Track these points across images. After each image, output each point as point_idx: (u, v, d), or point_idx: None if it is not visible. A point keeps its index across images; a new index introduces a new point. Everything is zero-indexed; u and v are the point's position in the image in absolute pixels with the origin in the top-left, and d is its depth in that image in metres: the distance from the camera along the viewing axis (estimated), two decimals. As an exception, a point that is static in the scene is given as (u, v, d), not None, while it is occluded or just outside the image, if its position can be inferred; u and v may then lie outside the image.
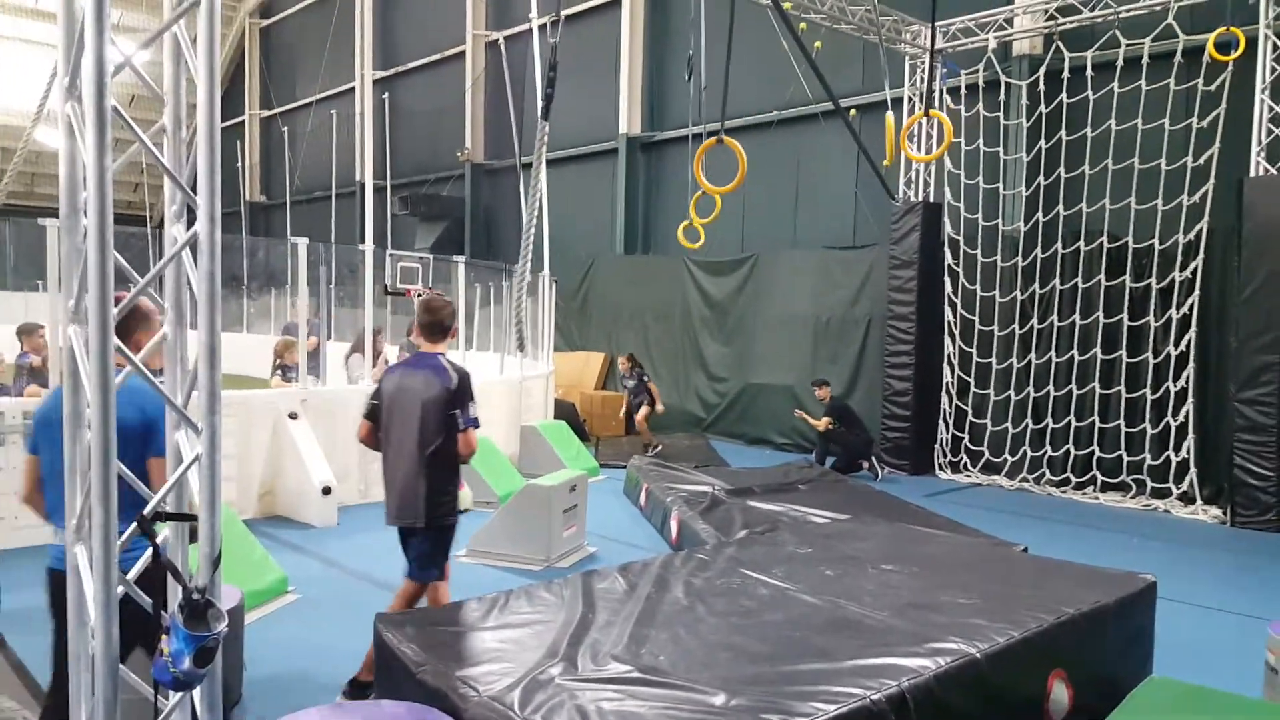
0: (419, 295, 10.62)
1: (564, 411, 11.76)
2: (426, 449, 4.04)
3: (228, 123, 29.16)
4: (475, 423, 4.11)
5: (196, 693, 2.25)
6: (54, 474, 2.61)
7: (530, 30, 12.08)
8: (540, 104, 8.81)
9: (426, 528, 4.08)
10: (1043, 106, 9.96)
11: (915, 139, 10.97)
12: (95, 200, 1.97)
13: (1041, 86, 9.95)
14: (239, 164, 25.51)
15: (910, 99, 11.11)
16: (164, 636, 2.09)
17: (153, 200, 28.07)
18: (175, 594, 2.22)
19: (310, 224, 21.16)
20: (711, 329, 13.68)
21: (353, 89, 21.11)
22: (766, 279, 12.85)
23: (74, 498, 2.22)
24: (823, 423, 10.41)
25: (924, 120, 9.69)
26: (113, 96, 1.97)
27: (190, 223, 2.24)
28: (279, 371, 9.19)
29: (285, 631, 5.05)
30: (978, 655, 3.20)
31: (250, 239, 22.31)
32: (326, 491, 7.20)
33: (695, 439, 12.73)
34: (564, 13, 14.24)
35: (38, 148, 24.85)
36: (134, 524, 2.13)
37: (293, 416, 7.59)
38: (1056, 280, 9.89)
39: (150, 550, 2.13)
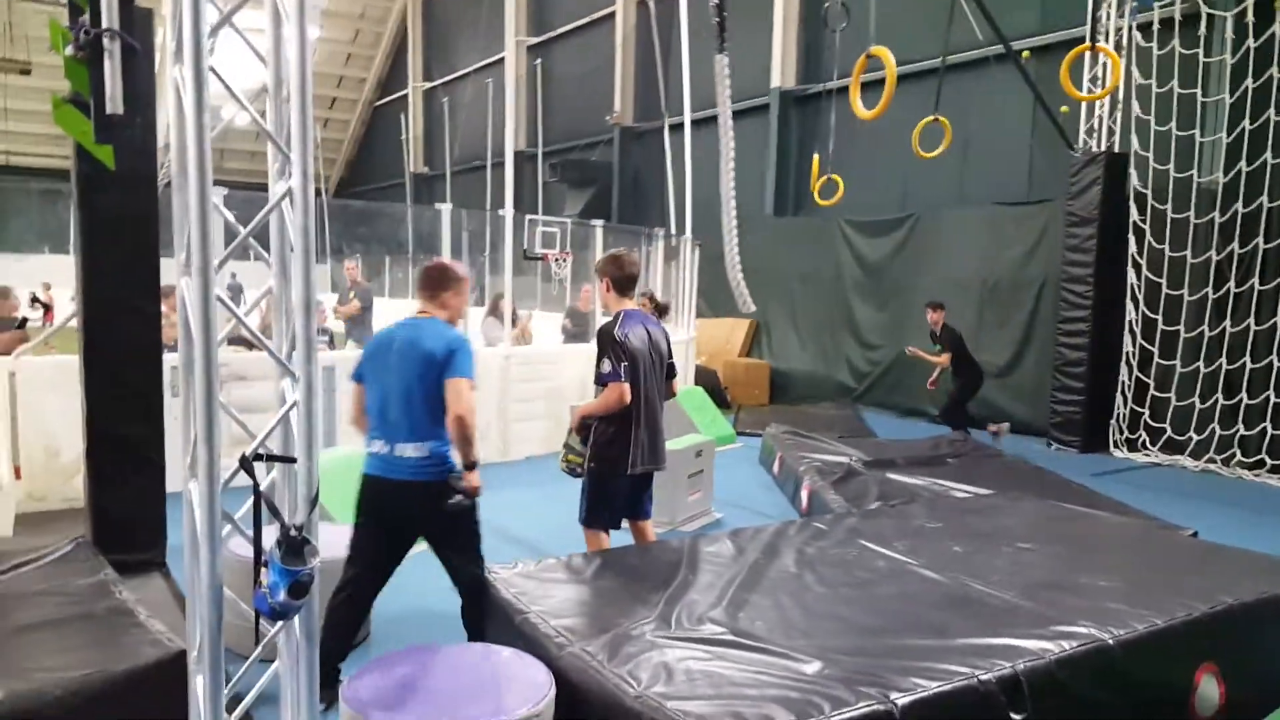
0: (557, 260, 10.82)
1: (705, 379, 11.71)
2: (665, 397, 4.63)
3: (392, 96, 30.80)
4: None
5: (296, 622, 2.39)
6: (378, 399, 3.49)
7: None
8: (717, 33, 7.88)
9: None
10: (1251, 40, 8.80)
11: (1085, 78, 9.98)
12: (195, 159, 2.09)
13: (1250, 18, 8.80)
14: (403, 136, 26.74)
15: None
16: (263, 569, 2.23)
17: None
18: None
19: (467, 194, 22.00)
20: (864, 293, 13.18)
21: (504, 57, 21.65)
22: (928, 239, 12.19)
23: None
24: (943, 358, 9.03)
25: (1090, 54, 8.79)
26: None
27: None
28: None
29: (416, 577, 5.31)
30: (1110, 642, 2.93)
31: (415, 207, 23.45)
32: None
33: (843, 408, 12.35)
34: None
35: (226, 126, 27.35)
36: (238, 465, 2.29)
37: None
38: (1260, 239, 8.81)
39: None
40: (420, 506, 3.45)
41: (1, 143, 29.55)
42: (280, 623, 2.30)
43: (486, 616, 3.41)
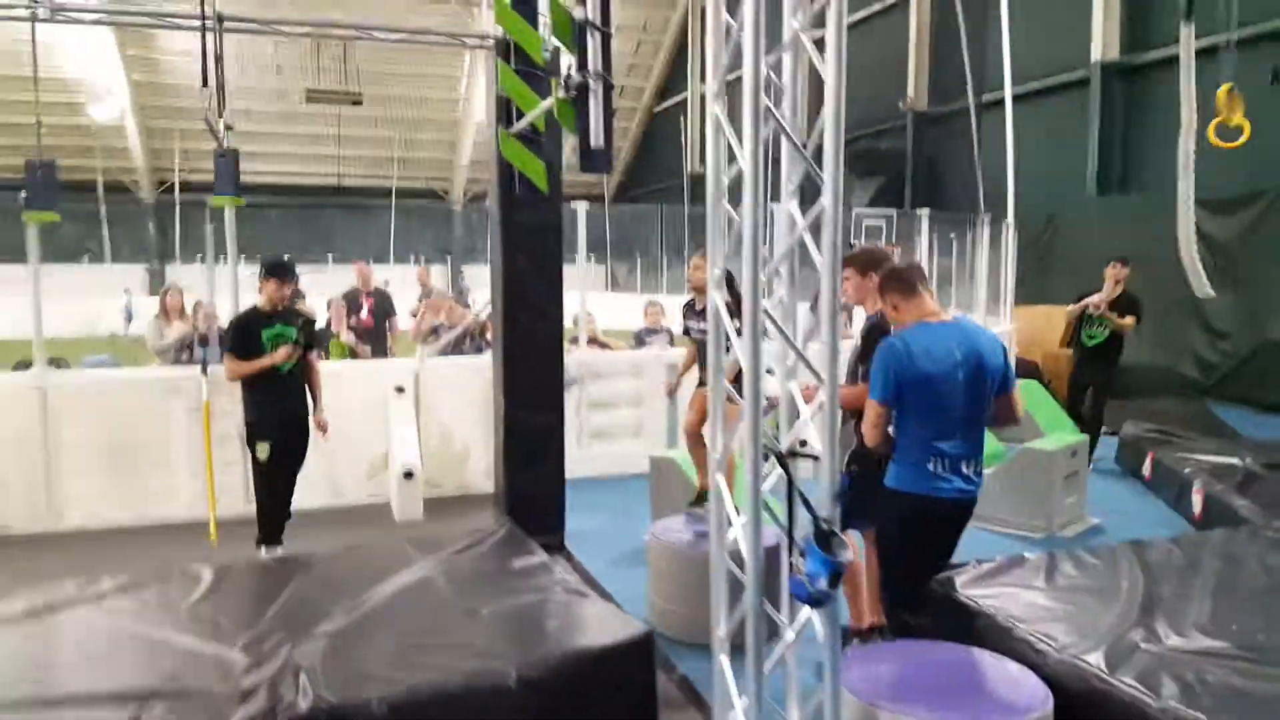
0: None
1: (1025, 371, 10.99)
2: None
3: (671, 101, 31.80)
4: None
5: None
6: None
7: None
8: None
9: None
10: None
11: None
12: (750, 184, 2.30)
13: None
14: (683, 138, 27.56)
15: None
16: (800, 557, 2.40)
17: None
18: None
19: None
20: (1212, 276, 11.69)
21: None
22: (1290, 216, 10.65)
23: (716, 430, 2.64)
24: (1128, 321, 7.62)
25: None
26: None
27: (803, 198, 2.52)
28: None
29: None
30: None
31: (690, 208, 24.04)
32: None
33: (1191, 404, 11.05)
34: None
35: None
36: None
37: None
38: None
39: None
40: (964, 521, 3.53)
41: (335, 165, 34.02)
42: (815, 608, 2.47)
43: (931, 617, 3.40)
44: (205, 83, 4.84)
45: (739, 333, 2.41)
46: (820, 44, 2.39)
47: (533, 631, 3.52)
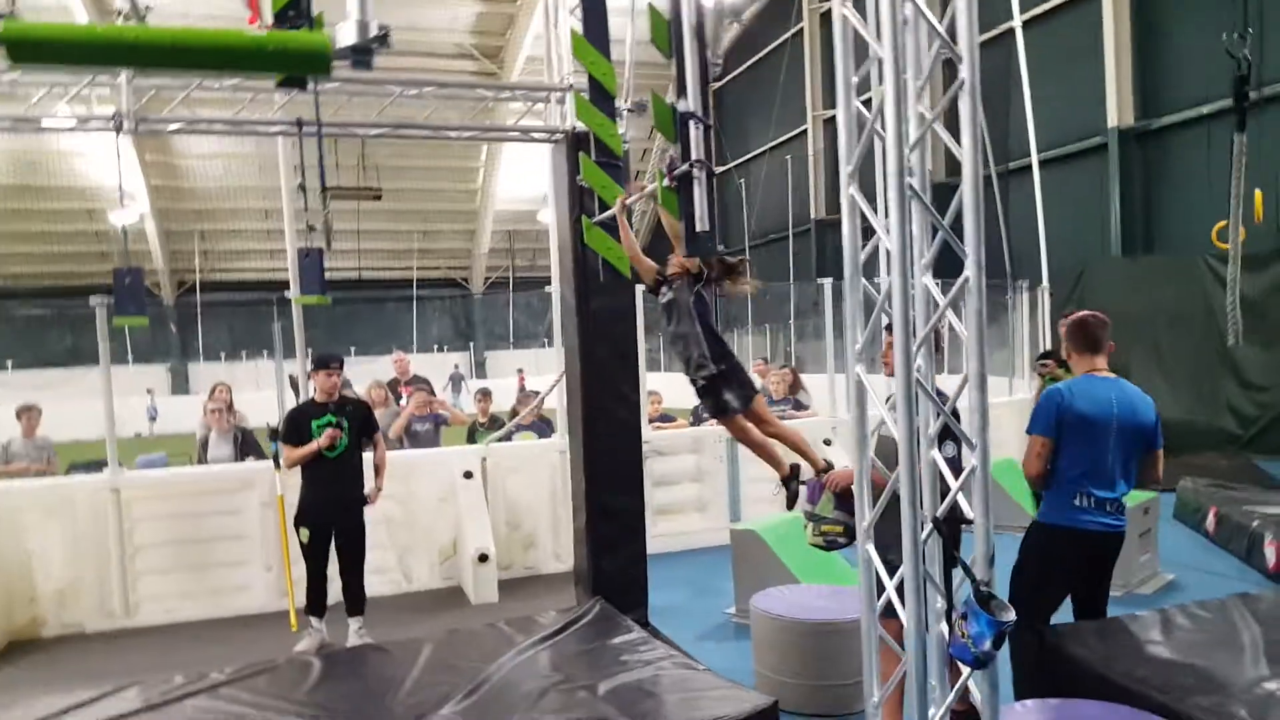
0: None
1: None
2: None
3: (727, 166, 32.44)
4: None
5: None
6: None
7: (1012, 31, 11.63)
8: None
9: None
10: None
11: None
12: (899, 261, 2.45)
13: None
14: (744, 207, 27.98)
15: None
16: (961, 621, 2.47)
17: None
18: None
19: (767, 265, 22.60)
20: (1244, 331, 11.86)
21: (804, 131, 22.23)
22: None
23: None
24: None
25: None
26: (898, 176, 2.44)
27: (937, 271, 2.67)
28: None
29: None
30: None
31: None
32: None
33: (1233, 458, 11.05)
34: (1035, 11, 13.66)
35: (540, 226, 30.71)
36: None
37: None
38: None
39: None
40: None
41: (355, 259, 34.69)
42: (976, 669, 2.52)
43: (1050, 674, 3.43)
44: (304, 187, 5.11)
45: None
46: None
47: (657, 705, 3.54)
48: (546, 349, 26.58)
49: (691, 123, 3.63)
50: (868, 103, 2.59)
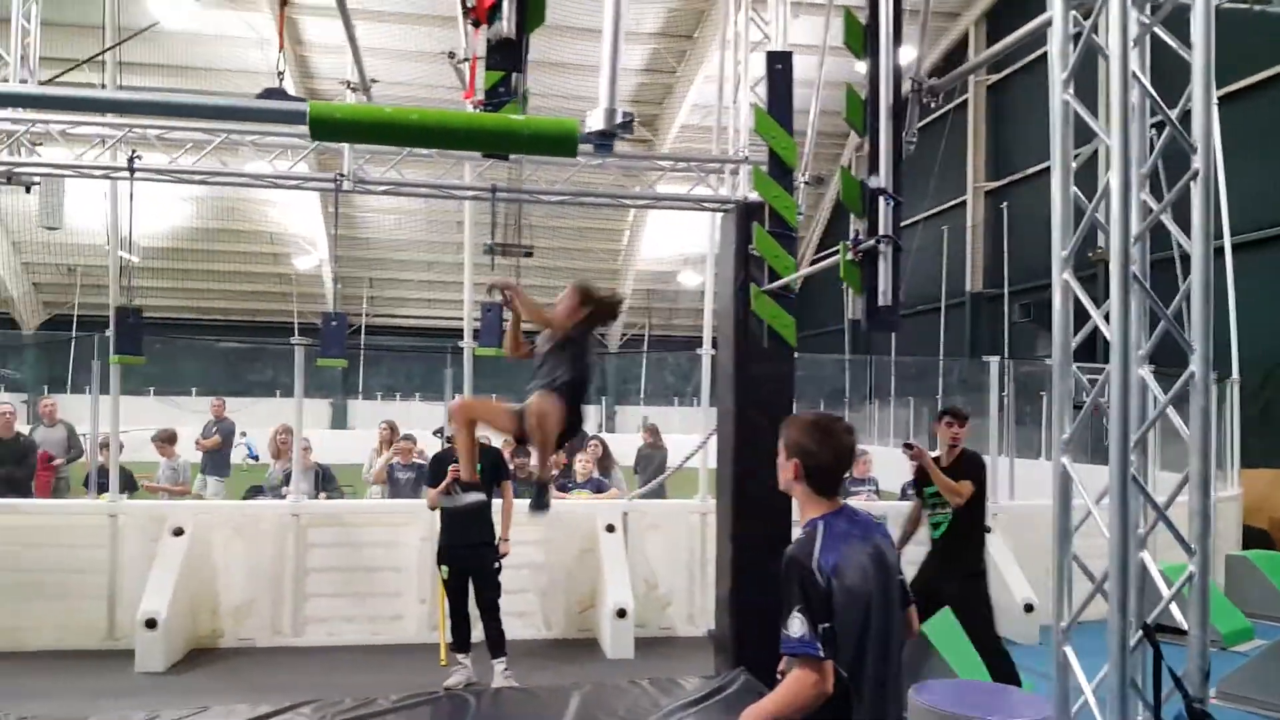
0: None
1: (1253, 540, 10.03)
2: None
3: (833, 249, 32.27)
4: None
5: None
6: None
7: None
8: None
9: None
10: None
11: None
12: (1118, 351, 2.36)
13: None
14: (842, 286, 27.74)
15: None
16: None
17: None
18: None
19: (916, 337, 21.98)
20: None
21: (963, 202, 21.67)
22: None
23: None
24: (963, 486, 5.38)
25: None
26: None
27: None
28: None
29: None
30: None
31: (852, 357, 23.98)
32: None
33: None
34: (1230, 88, 12.97)
35: (679, 287, 31.26)
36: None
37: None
38: None
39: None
40: None
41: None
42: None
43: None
44: (492, 248, 5.43)
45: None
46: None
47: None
48: (676, 406, 26.89)
49: (882, 199, 3.66)
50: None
